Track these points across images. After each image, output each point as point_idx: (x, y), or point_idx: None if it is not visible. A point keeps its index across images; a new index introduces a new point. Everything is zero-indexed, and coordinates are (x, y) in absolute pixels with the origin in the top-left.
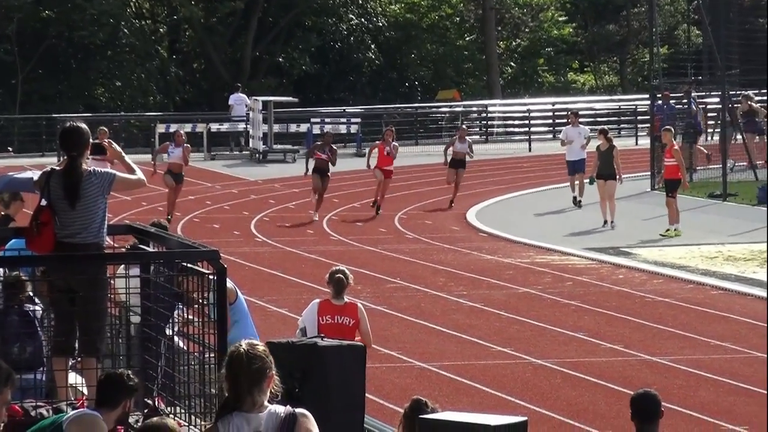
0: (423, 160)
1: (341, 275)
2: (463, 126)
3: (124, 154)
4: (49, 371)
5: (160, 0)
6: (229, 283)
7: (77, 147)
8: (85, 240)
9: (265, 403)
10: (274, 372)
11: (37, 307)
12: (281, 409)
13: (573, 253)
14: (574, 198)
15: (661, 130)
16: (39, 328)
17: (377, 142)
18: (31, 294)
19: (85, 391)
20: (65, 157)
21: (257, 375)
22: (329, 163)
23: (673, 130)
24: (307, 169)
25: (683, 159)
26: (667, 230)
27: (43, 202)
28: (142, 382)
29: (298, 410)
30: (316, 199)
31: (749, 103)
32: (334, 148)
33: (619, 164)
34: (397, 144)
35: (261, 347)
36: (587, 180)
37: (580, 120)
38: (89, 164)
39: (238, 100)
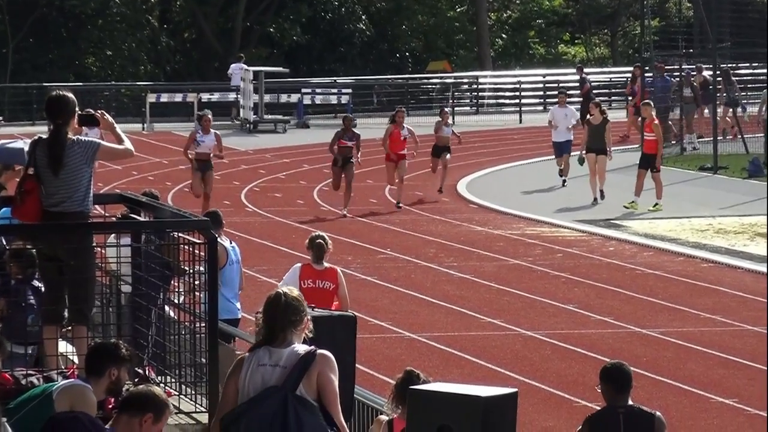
0: (414, 131)
1: (321, 240)
2: (446, 109)
3: (115, 124)
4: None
5: None
6: (223, 245)
7: (62, 115)
8: (69, 209)
9: (295, 342)
10: (309, 318)
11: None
12: (303, 347)
13: (563, 225)
14: (564, 180)
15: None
16: None
17: (390, 125)
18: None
19: (76, 359)
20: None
21: (295, 315)
22: (353, 150)
23: (652, 104)
24: (336, 160)
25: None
26: (656, 205)
27: (30, 171)
28: (133, 351)
29: (320, 351)
30: (344, 191)
31: (703, 74)
32: (357, 133)
33: (610, 139)
34: (412, 129)
35: (297, 292)
36: (576, 154)
37: (569, 95)
38: (85, 132)
39: (237, 70)
